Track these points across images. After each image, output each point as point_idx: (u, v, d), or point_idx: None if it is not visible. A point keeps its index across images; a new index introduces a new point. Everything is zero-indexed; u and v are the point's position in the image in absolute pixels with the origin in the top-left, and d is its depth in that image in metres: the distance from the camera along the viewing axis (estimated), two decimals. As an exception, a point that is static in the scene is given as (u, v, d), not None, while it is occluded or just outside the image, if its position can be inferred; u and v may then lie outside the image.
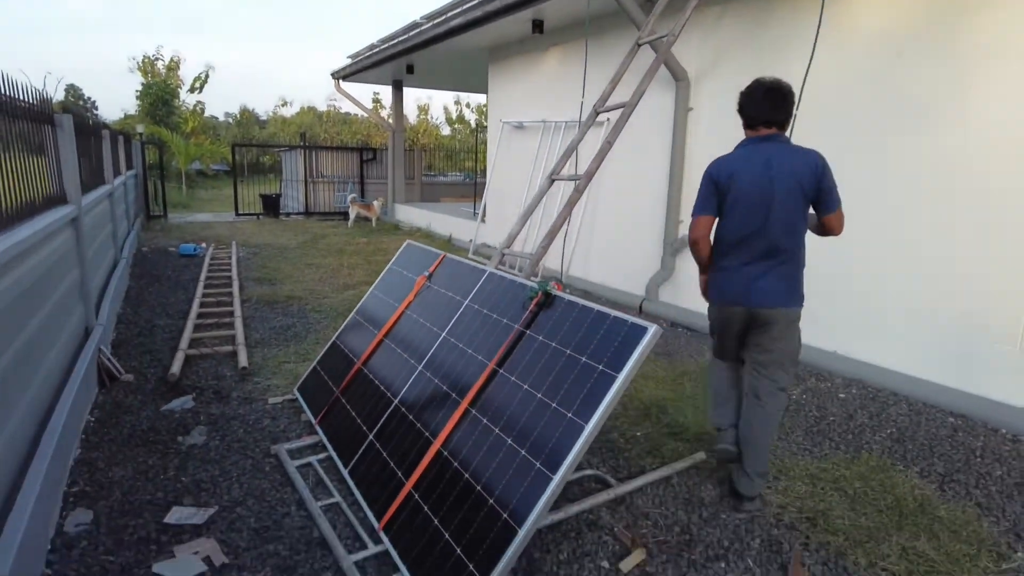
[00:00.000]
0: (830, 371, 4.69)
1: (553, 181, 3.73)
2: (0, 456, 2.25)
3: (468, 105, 35.46)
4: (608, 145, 3.34)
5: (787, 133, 2.87)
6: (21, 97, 3.24)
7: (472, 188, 15.84)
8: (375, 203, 13.70)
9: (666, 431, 3.59)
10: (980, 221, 3.94)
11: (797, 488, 3.02)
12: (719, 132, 5.70)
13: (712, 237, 2.91)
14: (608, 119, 6.86)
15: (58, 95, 32.40)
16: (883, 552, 2.54)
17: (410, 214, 13.83)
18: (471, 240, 9.70)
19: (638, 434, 3.57)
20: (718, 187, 2.79)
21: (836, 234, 2.85)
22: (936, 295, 4.17)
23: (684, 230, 6.15)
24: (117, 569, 2.35)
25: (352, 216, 13.63)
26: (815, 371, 4.71)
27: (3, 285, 2.46)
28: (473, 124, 33.49)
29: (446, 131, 36.15)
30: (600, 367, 2.16)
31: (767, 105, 2.75)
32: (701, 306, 5.75)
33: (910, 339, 4.31)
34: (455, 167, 24.39)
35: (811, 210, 2.78)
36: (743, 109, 2.82)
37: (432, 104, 62.40)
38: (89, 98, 41.02)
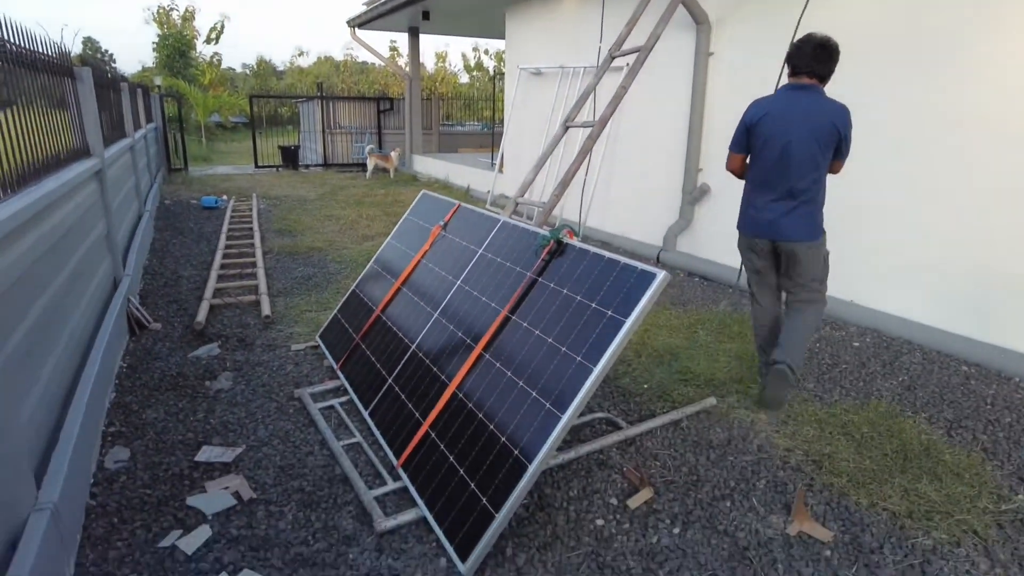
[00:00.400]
0: (846, 320, 4.70)
1: (568, 128, 3.72)
2: (40, 397, 2.38)
3: (487, 52, 34.80)
4: (623, 91, 3.31)
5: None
6: (42, 51, 3.29)
7: (490, 138, 15.69)
8: (392, 154, 13.68)
9: (678, 377, 3.66)
10: (1002, 168, 3.87)
11: (805, 432, 3.08)
12: (741, 78, 5.58)
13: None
14: (627, 63, 6.73)
15: (76, 48, 32.33)
16: (885, 493, 2.61)
17: (428, 165, 13.79)
18: (489, 191, 9.69)
19: (648, 383, 3.64)
20: (748, 129, 3.19)
21: (833, 173, 3.24)
22: (957, 244, 4.12)
23: (703, 179, 6.09)
24: (155, 501, 2.50)
25: (370, 167, 13.63)
26: (830, 320, 4.73)
27: (34, 236, 2.56)
28: (492, 71, 32.91)
29: (464, 79, 35.60)
30: (609, 312, 2.21)
31: (813, 58, 3.04)
32: (719, 256, 5.79)
33: (929, 288, 4.29)
34: (473, 116, 24.10)
35: None
36: (791, 58, 3.12)
37: (450, 51, 61.29)
38: (107, 51, 40.89)
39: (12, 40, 2.74)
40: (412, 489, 2.45)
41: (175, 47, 26.40)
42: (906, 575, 2.18)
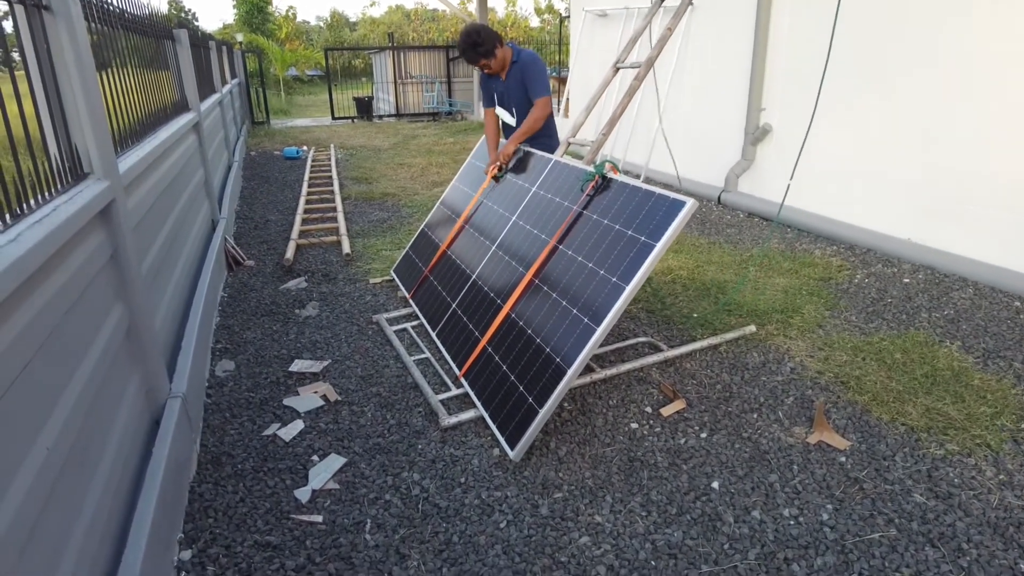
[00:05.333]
0: (899, 257, 4.72)
1: (618, 70, 3.89)
2: (166, 311, 2.88)
3: (557, -6, 34.01)
4: (669, 32, 3.44)
5: None
6: (149, 18, 3.73)
7: (557, 82, 15.63)
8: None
9: (723, 309, 3.87)
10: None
11: (838, 357, 3.27)
12: (803, 17, 5.51)
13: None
14: (692, 3, 6.69)
15: (162, 8, 33.77)
16: (906, 410, 2.79)
17: (496, 113, 13.95)
18: (554, 137, 9.81)
19: (694, 313, 3.87)
20: None
21: None
22: (1014, 180, 4.07)
23: (765, 118, 6.08)
24: (257, 402, 2.99)
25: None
26: (883, 257, 4.76)
27: (155, 177, 3.03)
28: (563, 12, 32.22)
29: (535, 22, 35.09)
30: (642, 238, 2.47)
31: None
32: (780, 196, 5.81)
33: (990, 225, 4.24)
34: (544, 60, 23.91)
35: None
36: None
37: (520, -5, 59.96)
38: (190, 9, 42.38)
39: (128, 11, 3.17)
40: (472, 393, 2.83)
41: (253, 3, 27.18)
42: (913, 478, 2.40)
